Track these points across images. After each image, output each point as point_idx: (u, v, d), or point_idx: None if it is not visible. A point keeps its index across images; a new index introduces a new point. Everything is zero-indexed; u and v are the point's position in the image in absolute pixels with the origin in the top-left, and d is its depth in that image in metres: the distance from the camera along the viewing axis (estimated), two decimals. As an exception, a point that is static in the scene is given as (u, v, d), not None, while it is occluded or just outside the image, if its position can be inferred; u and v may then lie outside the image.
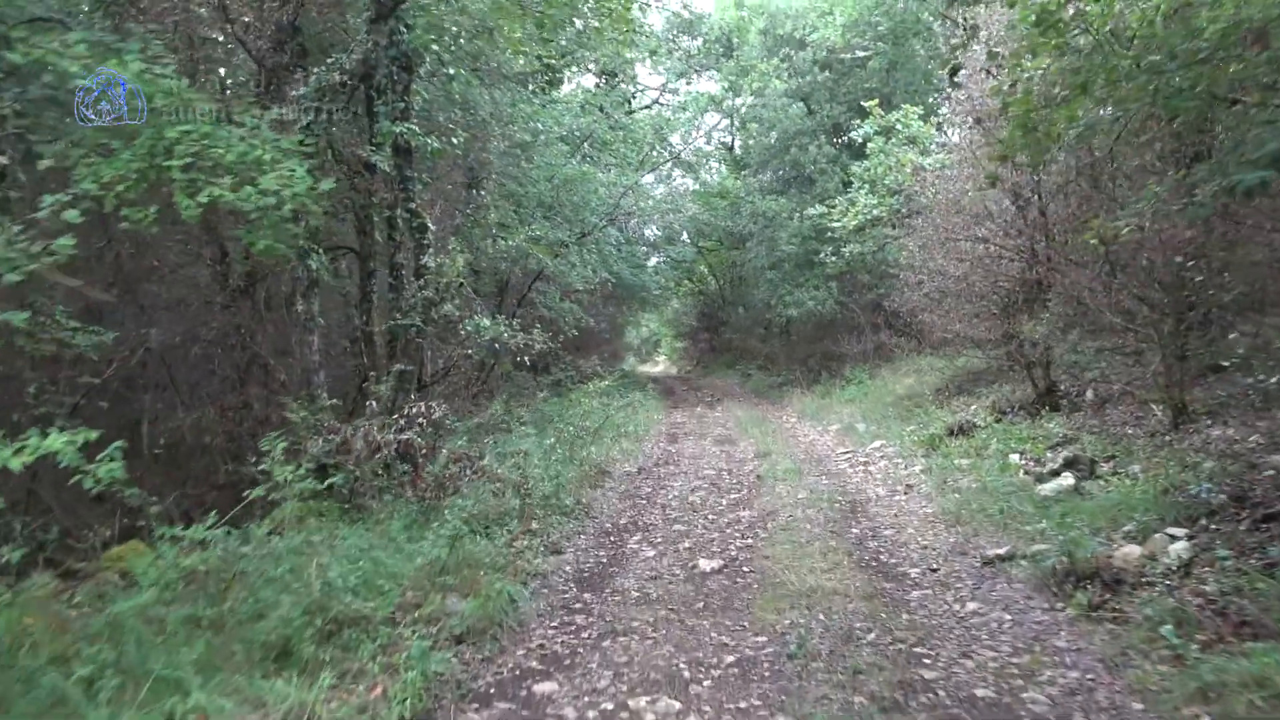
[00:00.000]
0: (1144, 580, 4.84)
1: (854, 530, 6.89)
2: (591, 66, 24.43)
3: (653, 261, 26.91)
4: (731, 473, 10.05)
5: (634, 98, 26.81)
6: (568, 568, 6.21)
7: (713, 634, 4.71)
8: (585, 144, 17.09)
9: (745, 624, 4.84)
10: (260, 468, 4.83)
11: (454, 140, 9.37)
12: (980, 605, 4.90)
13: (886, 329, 17.29)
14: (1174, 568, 4.89)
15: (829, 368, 19.13)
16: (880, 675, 3.97)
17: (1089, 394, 9.74)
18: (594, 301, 19.08)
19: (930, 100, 17.79)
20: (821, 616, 4.82)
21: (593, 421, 10.75)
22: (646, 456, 11.45)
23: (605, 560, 6.42)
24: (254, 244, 4.30)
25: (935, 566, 5.75)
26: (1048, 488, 7.02)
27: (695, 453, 11.82)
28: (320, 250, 8.10)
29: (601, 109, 17.99)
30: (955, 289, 11.48)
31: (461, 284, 10.82)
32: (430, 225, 9.04)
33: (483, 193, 11.53)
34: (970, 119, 11.26)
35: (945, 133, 15.27)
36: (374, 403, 8.03)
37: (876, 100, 16.51)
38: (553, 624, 5.01)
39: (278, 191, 3.91)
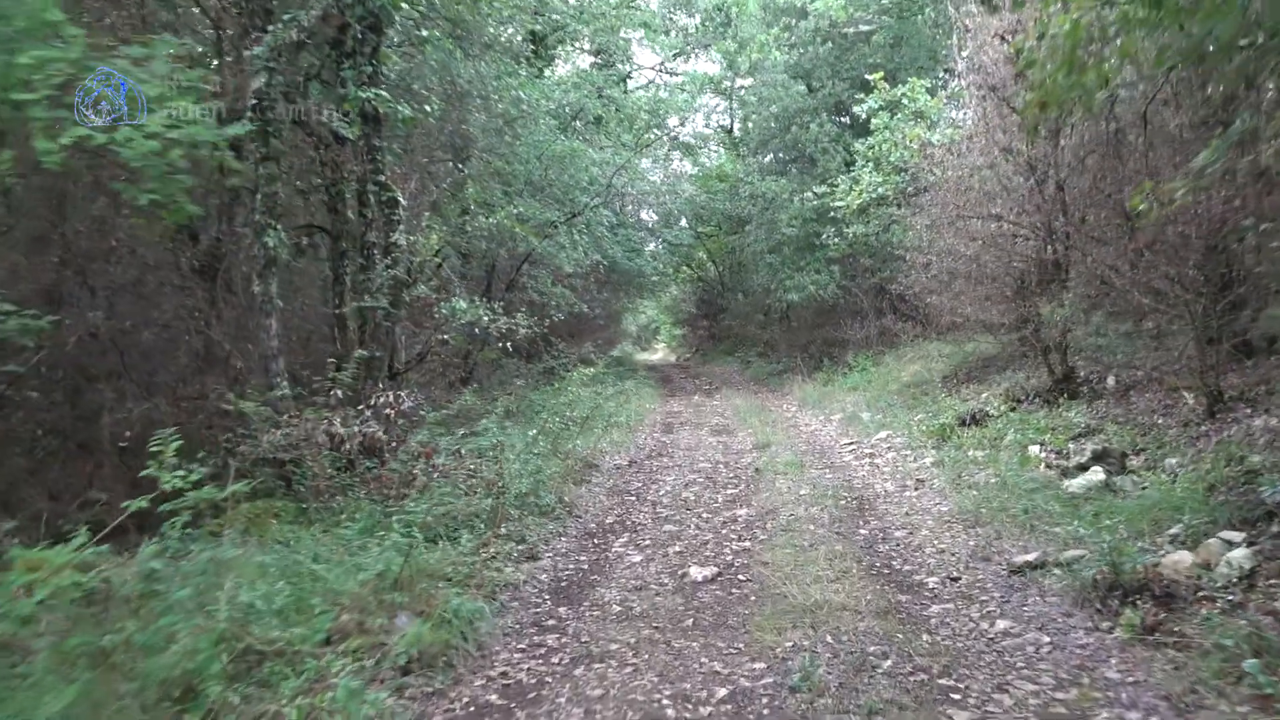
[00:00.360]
0: (1200, 594, 4.19)
1: (862, 531, 6.23)
2: (586, 46, 23.70)
3: (650, 247, 26.21)
4: (728, 466, 9.39)
5: (629, 77, 26.08)
6: (543, 576, 5.55)
7: (703, 659, 4.05)
8: (576, 120, 16.35)
9: (740, 646, 4.18)
10: (144, 473, 4.16)
11: (427, 108, 8.65)
12: (1012, 623, 4.24)
13: (891, 313, 16.65)
14: (1235, 579, 4.25)
15: (831, 354, 18.48)
16: (901, 717, 3.32)
17: (1110, 380, 9.07)
18: (588, 287, 18.42)
19: (939, 77, 17.08)
20: (829, 638, 4.16)
21: (581, 411, 10.09)
22: (639, 448, 10.79)
23: (586, 567, 5.77)
24: (137, 198, 3.62)
25: (956, 575, 5.09)
26: (1076, 484, 6.35)
27: (691, 444, 11.17)
28: (278, 226, 7.42)
29: (594, 85, 17.28)
30: (965, 270, 10.81)
31: (440, 264, 10.17)
32: (402, 200, 8.36)
33: (461, 166, 10.82)
34: (984, 88, 10.55)
35: (951, 103, 14.60)
36: (338, 392, 7.38)
37: (881, 74, 15.78)
38: (520, 646, 4.35)
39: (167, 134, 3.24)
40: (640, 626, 4.51)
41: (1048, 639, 4.01)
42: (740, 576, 5.31)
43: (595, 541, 6.41)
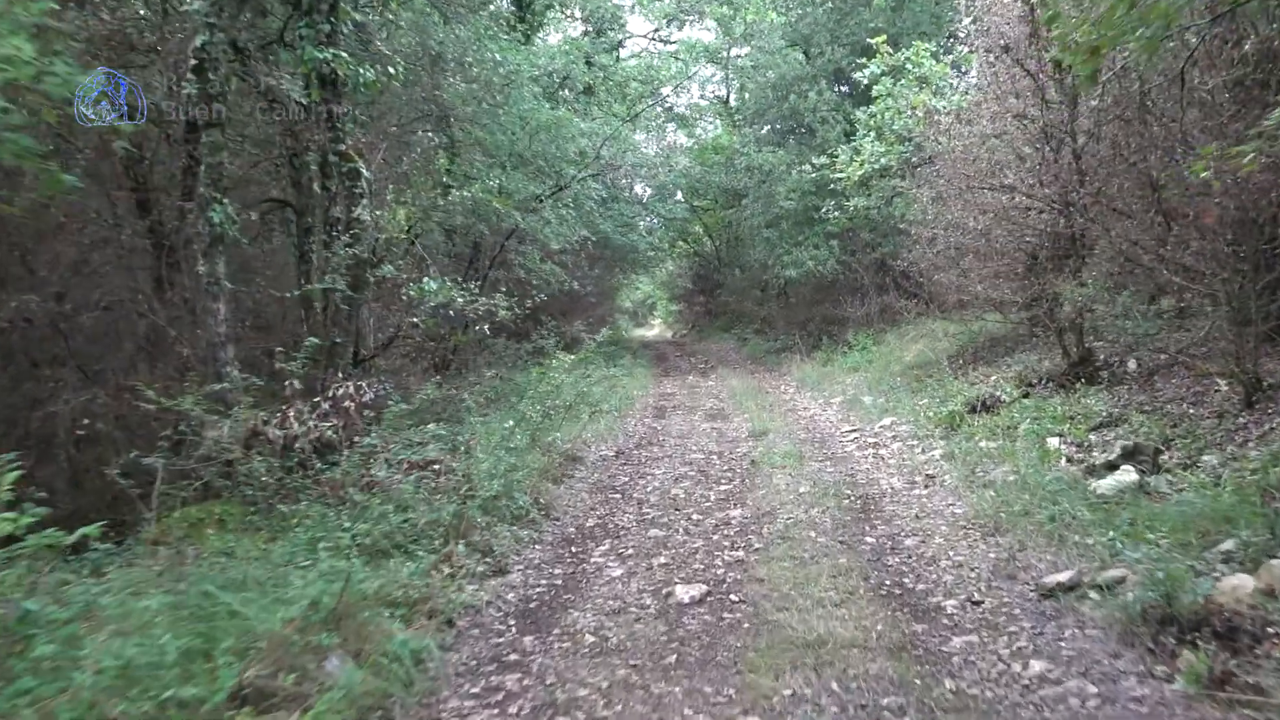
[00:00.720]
0: (1269, 630, 3.57)
1: (869, 540, 5.61)
2: (576, 13, 22.80)
3: (644, 221, 25.46)
4: (722, 457, 8.77)
5: (621, 45, 25.23)
6: (510, 595, 4.92)
7: (686, 710, 3.43)
8: (563, 88, 15.56)
9: (731, 693, 3.55)
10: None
11: (391, 69, 7.93)
12: (1049, 665, 3.60)
13: (893, 290, 16.00)
14: (1309, 612, 3.62)
15: (830, 332, 17.85)
16: (926, 805, 2.71)
17: (1131, 363, 8.44)
18: (579, 263, 17.72)
19: (943, 41, 16.31)
20: (834, 684, 3.52)
21: (564, 398, 9.46)
22: (627, 436, 10.17)
23: (560, 583, 5.14)
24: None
25: (977, 597, 4.46)
26: (1105, 484, 5.71)
27: (683, 431, 10.55)
28: (224, 200, 6.73)
29: (582, 52, 16.47)
30: (974, 245, 10.16)
31: (413, 241, 9.49)
32: (365, 172, 7.66)
33: (434, 136, 10.09)
34: (994, 50, 9.81)
35: (956, 69, 13.88)
36: (294, 383, 6.72)
37: (883, 38, 15.00)
38: (473, 690, 3.72)
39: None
40: (615, 664, 3.89)
41: (1094, 689, 3.37)
42: (732, 597, 4.69)
43: (572, 550, 5.78)
